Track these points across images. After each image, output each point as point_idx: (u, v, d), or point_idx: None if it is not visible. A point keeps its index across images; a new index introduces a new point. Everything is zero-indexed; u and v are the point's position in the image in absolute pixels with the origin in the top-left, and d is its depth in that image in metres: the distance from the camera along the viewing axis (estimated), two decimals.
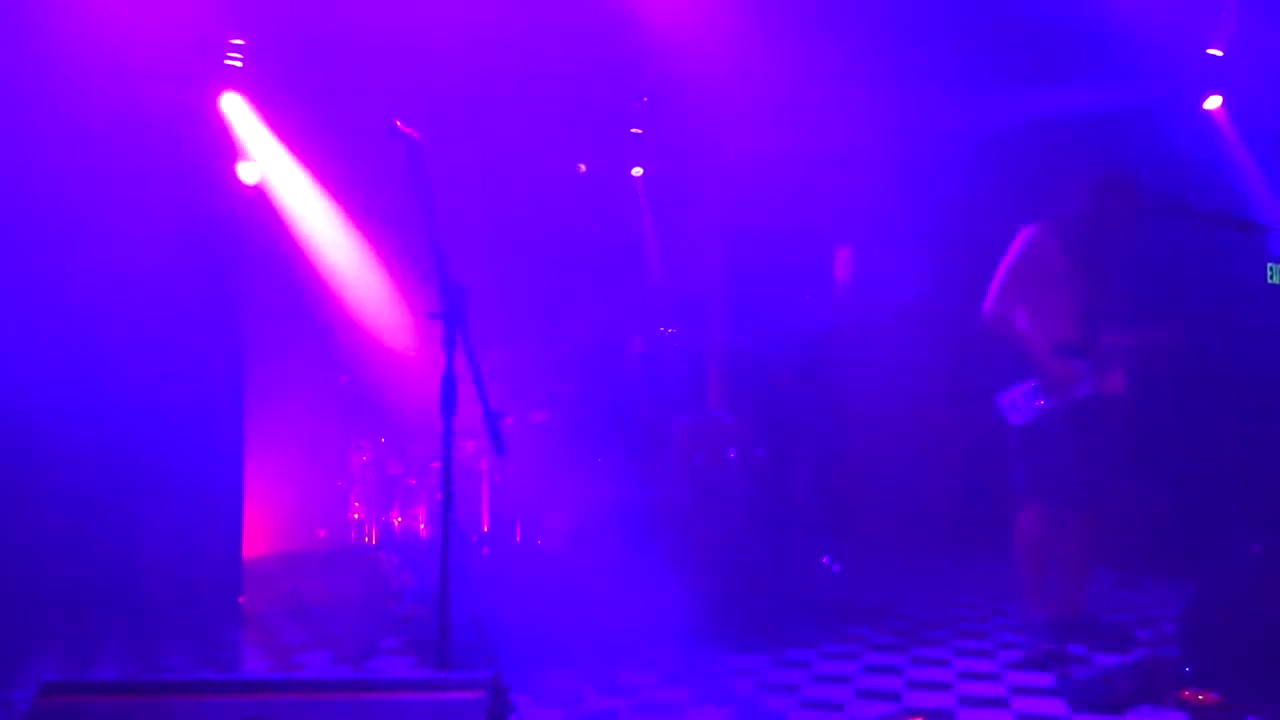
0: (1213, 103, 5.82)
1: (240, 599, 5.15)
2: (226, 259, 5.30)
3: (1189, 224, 5.42)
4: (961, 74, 5.94)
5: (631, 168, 7.26)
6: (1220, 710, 3.14)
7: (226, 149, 5.46)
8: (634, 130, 6.97)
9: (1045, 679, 3.70)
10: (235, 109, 5.53)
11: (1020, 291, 4.05)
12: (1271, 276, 5.57)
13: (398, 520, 5.61)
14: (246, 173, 5.61)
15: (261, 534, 6.09)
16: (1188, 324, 5.51)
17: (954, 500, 6.36)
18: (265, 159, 5.75)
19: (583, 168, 6.84)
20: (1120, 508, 4.12)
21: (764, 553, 4.88)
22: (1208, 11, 5.49)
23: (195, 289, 5.07)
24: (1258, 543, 3.28)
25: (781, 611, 4.53)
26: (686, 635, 4.20)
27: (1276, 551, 3.20)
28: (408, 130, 2.59)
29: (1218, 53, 5.65)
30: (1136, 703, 3.34)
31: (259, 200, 5.81)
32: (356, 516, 5.96)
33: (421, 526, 5.38)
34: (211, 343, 5.18)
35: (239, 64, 5.32)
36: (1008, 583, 4.85)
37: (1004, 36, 5.76)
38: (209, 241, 5.17)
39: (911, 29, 5.82)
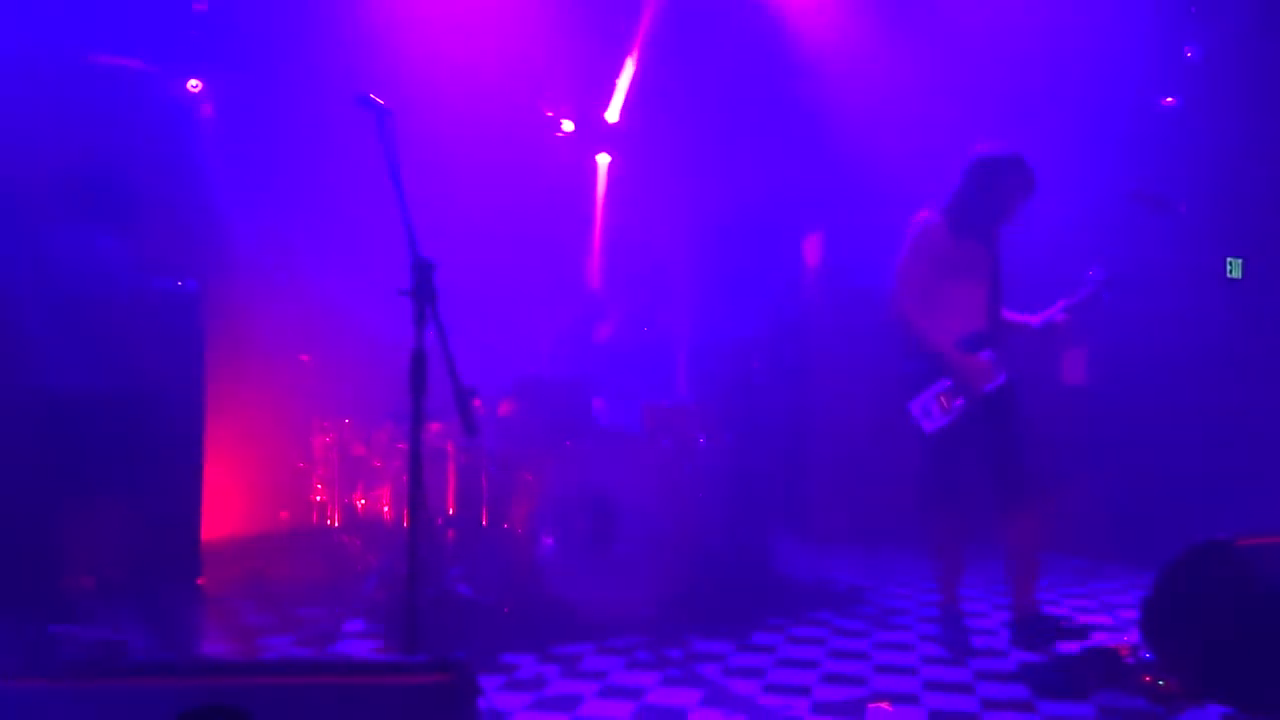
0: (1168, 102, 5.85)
1: (200, 581, 5.06)
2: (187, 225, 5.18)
3: (1150, 215, 5.49)
4: (932, 60, 5.96)
5: (600, 152, 7.20)
6: (1181, 696, 3.18)
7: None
8: (608, 118, 6.92)
9: (1010, 664, 3.74)
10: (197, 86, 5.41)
11: (921, 285, 3.92)
12: (1230, 271, 5.65)
13: (361, 502, 5.54)
14: None
15: (222, 516, 5.98)
16: (1149, 319, 5.65)
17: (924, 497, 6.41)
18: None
19: (570, 126, 6.73)
20: (1047, 495, 3.99)
21: (731, 538, 4.88)
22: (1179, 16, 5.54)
23: (150, 249, 4.94)
24: (1219, 531, 3.32)
25: (748, 597, 4.53)
26: (653, 620, 4.19)
27: (1237, 540, 3.24)
28: (378, 101, 2.53)
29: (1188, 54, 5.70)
30: (1099, 688, 3.38)
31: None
32: (319, 498, 5.88)
33: (386, 509, 5.32)
34: (170, 316, 5.05)
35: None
36: (972, 569, 4.91)
37: (974, 28, 5.79)
38: (168, 208, 5.04)
39: (884, 17, 5.83)
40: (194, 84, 5.39)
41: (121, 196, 4.62)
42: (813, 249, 7.03)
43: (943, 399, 3.89)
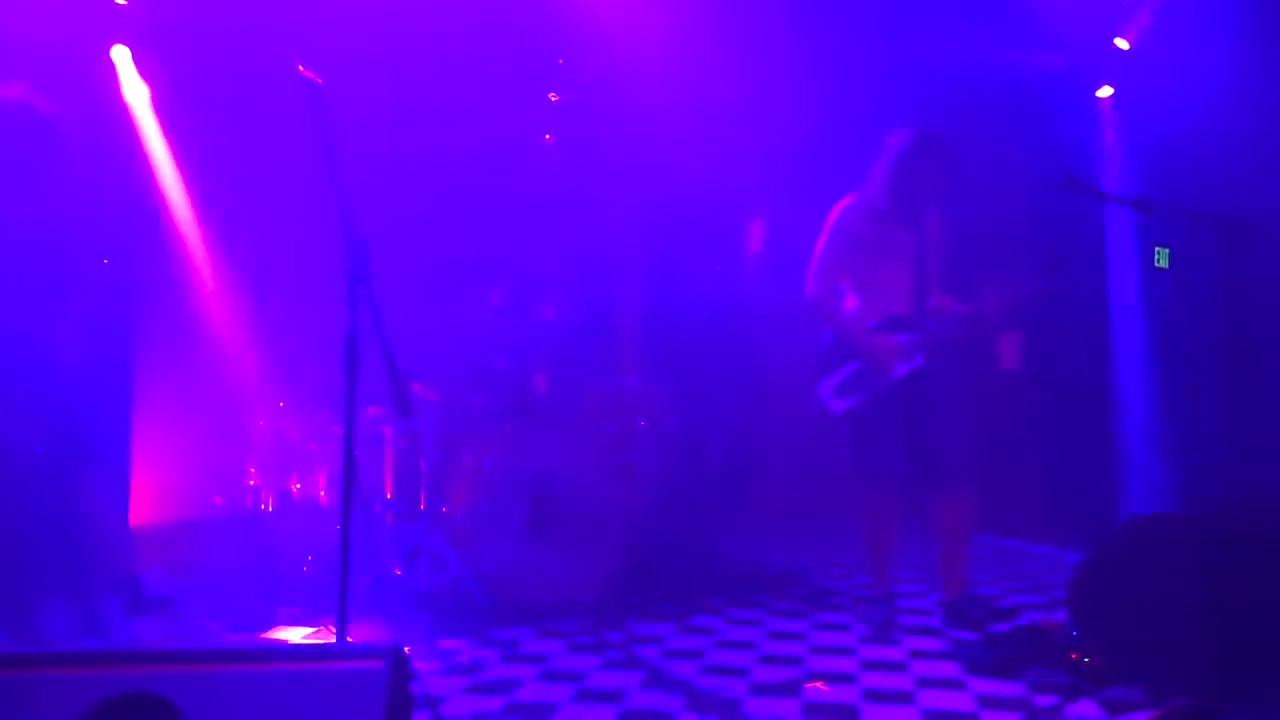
0: (1104, 92, 5.95)
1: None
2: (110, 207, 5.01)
3: (1083, 204, 5.61)
4: (876, 44, 6.00)
5: (544, 131, 7.13)
6: (1106, 672, 3.27)
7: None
8: (551, 96, 6.85)
9: (943, 643, 3.81)
10: (124, 61, 5.22)
11: (840, 268, 3.92)
12: (1158, 260, 5.79)
13: (296, 487, 5.44)
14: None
15: (152, 500, 5.84)
16: (1081, 305, 5.78)
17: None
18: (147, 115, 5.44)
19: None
20: (971, 479, 3.95)
21: (672, 522, 4.90)
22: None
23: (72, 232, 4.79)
24: (1144, 512, 3.41)
25: (688, 579, 4.55)
26: (593, 603, 4.19)
27: (1161, 520, 3.33)
28: (310, 75, 2.46)
29: (1124, 44, 5.81)
30: (1027, 665, 3.46)
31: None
32: (253, 483, 5.76)
33: (322, 493, 5.23)
34: (95, 295, 4.89)
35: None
36: (909, 552, 4.99)
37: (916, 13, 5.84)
38: (92, 193, 4.87)
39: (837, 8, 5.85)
40: (120, 49, 5.21)
41: (44, 172, 4.46)
42: (756, 234, 7.07)
43: (852, 380, 3.89)
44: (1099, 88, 5.92)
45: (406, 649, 2.11)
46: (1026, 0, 5.49)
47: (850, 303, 3.95)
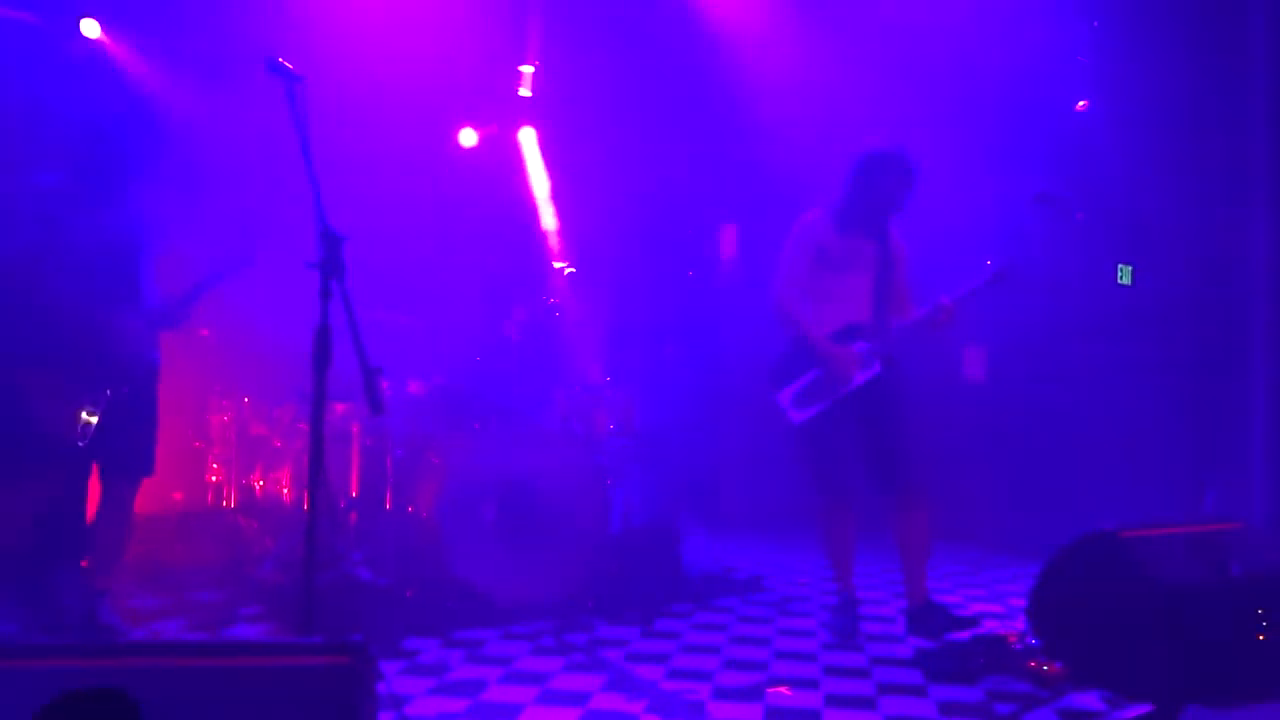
0: (1081, 105, 6.05)
1: (84, 564, 4.84)
2: None
3: (1053, 218, 5.70)
4: (849, 57, 6.06)
5: (518, 131, 7.12)
6: (1064, 680, 3.32)
7: None
8: (522, 93, 6.84)
9: (905, 650, 3.84)
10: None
11: (802, 278, 3.99)
12: (1121, 277, 5.90)
13: (260, 484, 5.38)
14: None
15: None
16: (1045, 318, 5.87)
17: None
18: None
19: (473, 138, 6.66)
20: (925, 487, 3.98)
21: (640, 525, 4.90)
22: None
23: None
24: (1104, 523, 3.46)
25: (654, 584, 4.55)
26: (558, 606, 4.18)
27: (1120, 532, 3.39)
28: (288, 67, 2.44)
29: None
30: (988, 673, 3.50)
31: None
32: (215, 479, 5.69)
33: (285, 491, 5.18)
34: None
35: None
36: (873, 555, 5.03)
37: (892, 25, 5.90)
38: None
39: (804, 12, 5.90)
40: (90, 23, 5.14)
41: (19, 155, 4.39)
42: (727, 240, 7.09)
43: (812, 388, 3.94)
44: (1078, 102, 6.04)
45: (370, 646, 2.09)
46: (1000, 14, 5.58)
47: (811, 312, 4.00)
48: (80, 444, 3.22)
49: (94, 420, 3.23)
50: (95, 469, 3.56)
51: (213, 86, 5.20)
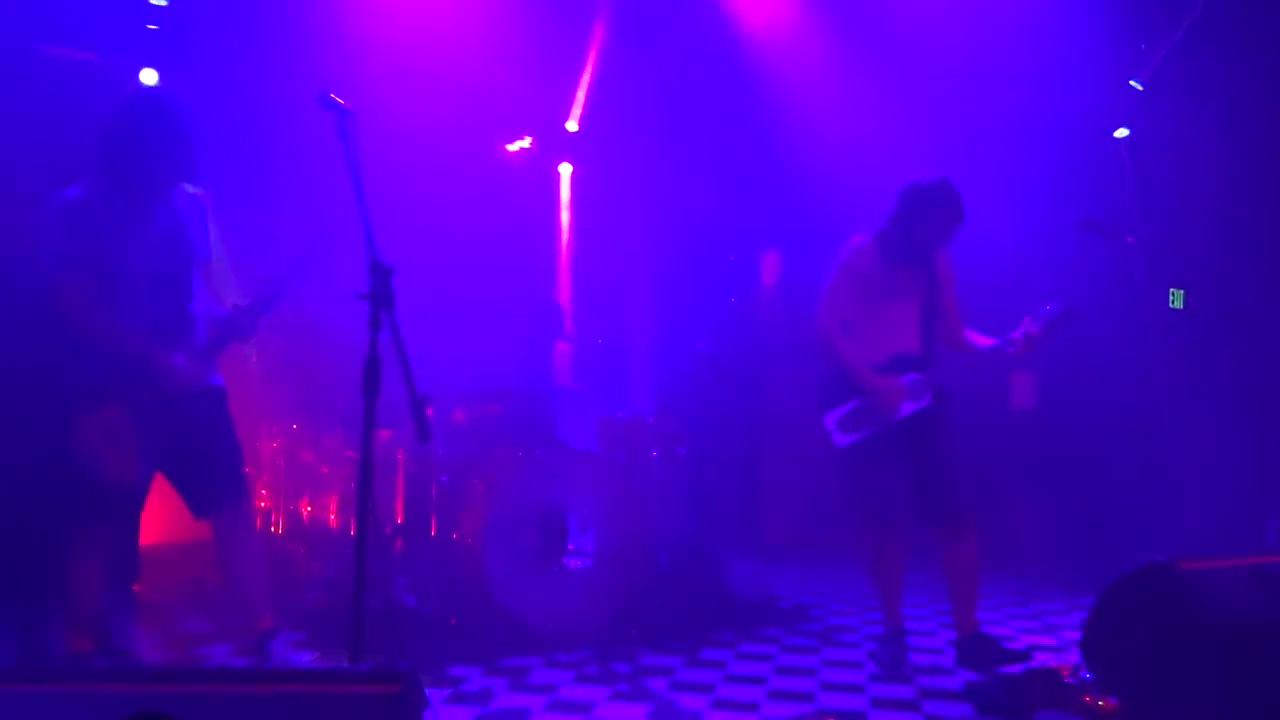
0: (1121, 133, 5.95)
1: (136, 588, 4.92)
2: None
3: (1095, 245, 5.63)
4: (892, 82, 6.05)
5: (560, 162, 7.20)
6: (1120, 716, 3.23)
7: None
8: (569, 127, 6.92)
9: (954, 682, 3.77)
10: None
11: (849, 308, 3.97)
12: (1173, 301, 5.79)
13: (307, 510, 5.44)
14: None
15: (160, 520, 5.83)
16: (1096, 344, 5.77)
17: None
18: None
19: (526, 142, 6.74)
20: (974, 519, 3.95)
21: (683, 552, 4.87)
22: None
23: None
24: (1157, 555, 3.38)
25: (698, 612, 4.52)
26: (603, 634, 4.16)
27: (1176, 564, 3.30)
28: (339, 101, 2.49)
29: (1138, 86, 5.83)
30: (1041, 708, 3.42)
31: None
32: (264, 505, 5.76)
33: (332, 517, 5.23)
34: None
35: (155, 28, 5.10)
36: (921, 586, 4.95)
37: (934, 50, 5.89)
38: None
39: (846, 37, 5.91)
40: (149, 72, 5.28)
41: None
42: (770, 265, 7.08)
43: (856, 415, 3.92)
44: (1117, 128, 5.96)
45: (418, 674, 2.10)
46: (1049, 38, 5.54)
47: (857, 342, 3.97)
48: (127, 478, 3.09)
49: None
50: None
51: (266, 111, 5.31)
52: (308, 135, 3.11)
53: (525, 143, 6.74)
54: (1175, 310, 5.77)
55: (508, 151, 6.75)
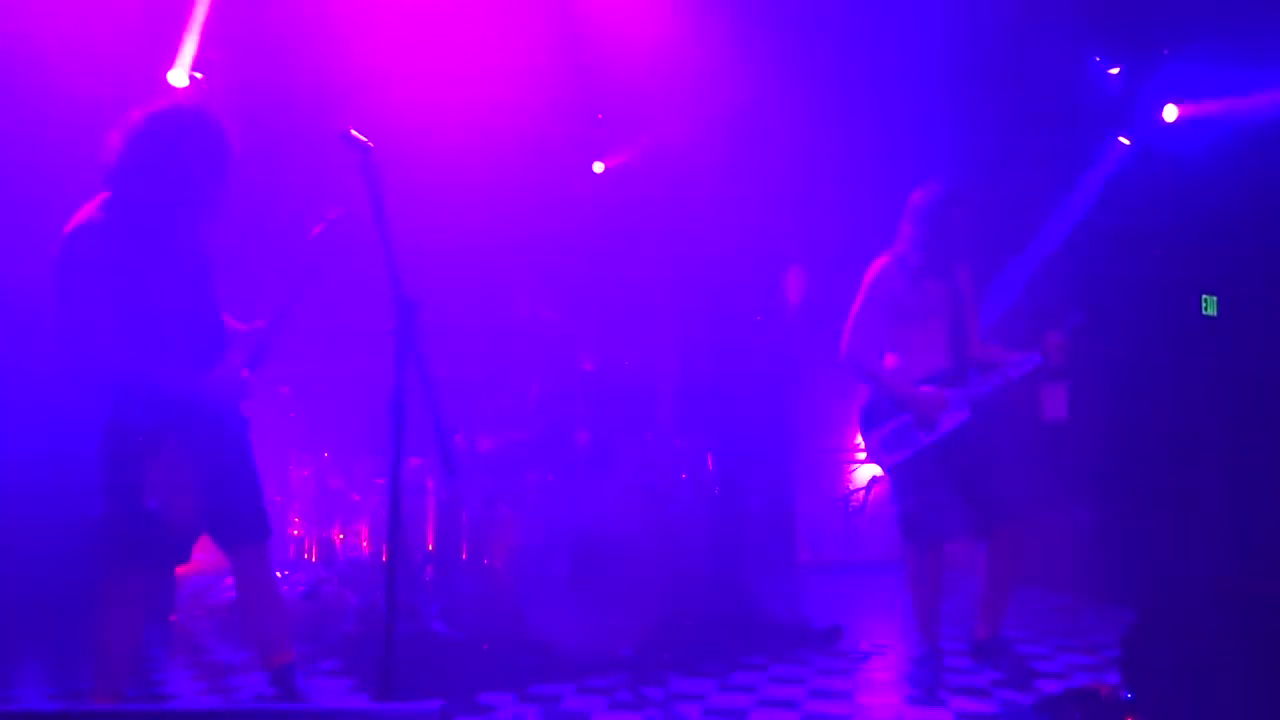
0: (1170, 113, 5.82)
1: (172, 617, 4.98)
2: None
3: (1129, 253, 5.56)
4: (919, 98, 6.03)
5: (583, 186, 7.22)
6: None
7: None
8: (597, 167, 6.96)
9: (991, 706, 3.72)
10: None
11: (877, 327, 3.96)
12: (1206, 308, 5.71)
13: (339, 537, 5.48)
14: None
15: (195, 549, 5.88)
16: (1124, 356, 5.70)
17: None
18: None
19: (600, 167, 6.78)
20: (1020, 528, 3.96)
21: (714, 575, 4.85)
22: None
23: None
24: (1199, 569, 3.33)
25: (729, 635, 4.49)
26: (634, 658, 4.15)
27: (1219, 579, 3.25)
28: (360, 137, 2.52)
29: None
30: None
31: None
32: (296, 532, 5.81)
33: (364, 544, 5.26)
34: None
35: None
36: (953, 605, 4.89)
37: (966, 69, 5.87)
38: None
39: (874, 56, 5.89)
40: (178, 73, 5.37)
41: None
42: (794, 284, 7.06)
43: (902, 433, 3.91)
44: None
45: (446, 704, 2.10)
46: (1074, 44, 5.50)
47: (890, 360, 3.97)
48: (160, 513, 3.01)
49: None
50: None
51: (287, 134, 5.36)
52: (332, 168, 3.06)
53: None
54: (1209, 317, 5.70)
55: (530, 171, 6.78)
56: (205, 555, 5.82)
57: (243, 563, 3.23)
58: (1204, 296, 5.70)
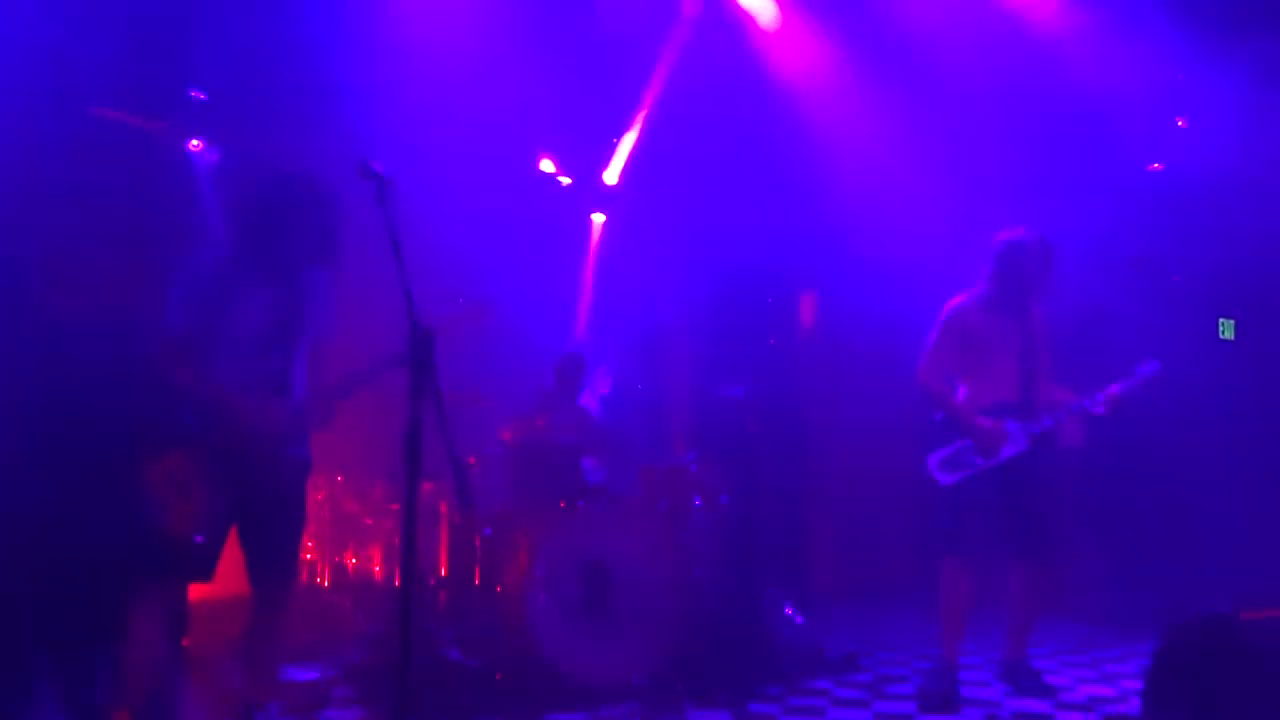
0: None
1: (185, 642, 4.96)
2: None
3: (1147, 282, 5.54)
4: (927, 124, 6.04)
5: (593, 210, 7.26)
6: None
7: None
8: (606, 179, 6.99)
9: None
10: None
11: (951, 361, 4.22)
12: (1223, 332, 5.67)
13: (352, 562, 5.47)
14: None
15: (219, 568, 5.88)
16: (1140, 383, 5.65)
17: (921, 548, 6.37)
18: None
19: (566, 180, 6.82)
20: (1058, 560, 4.28)
21: (728, 603, 4.81)
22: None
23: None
24: (1222, 602, 3.28)
25: (745, 664, 4.45)
26: (647, 688, 4.11)
27: (1241, 613, 3.20)
28: (377, 170, 2.53)
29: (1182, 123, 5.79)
30: None
31: None
32: (309, 557, 5.80)
33: (377, 569, 5.25)
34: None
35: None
36: (971, 633, 4.84)
37: (967, 92, 5.88)
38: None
39: (886, 81, 5.92)
40: (195, 143, 5.42)
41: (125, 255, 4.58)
42: (808, 308, 7.05)
43: (962, 457, 4.15)
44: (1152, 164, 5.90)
45: None
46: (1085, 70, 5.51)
47: (962, 391, 4.22)
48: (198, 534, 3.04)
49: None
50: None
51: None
52: (350, 197, 3.10)
53: (565, 180, 6.80)
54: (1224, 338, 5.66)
55: (542, 201, 6.81)
56: (220, 579, 5.83)
57: (260, 599, 3.28)
58: (1221, 320, 5.67)
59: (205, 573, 3.15)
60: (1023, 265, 4.19)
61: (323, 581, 5.62)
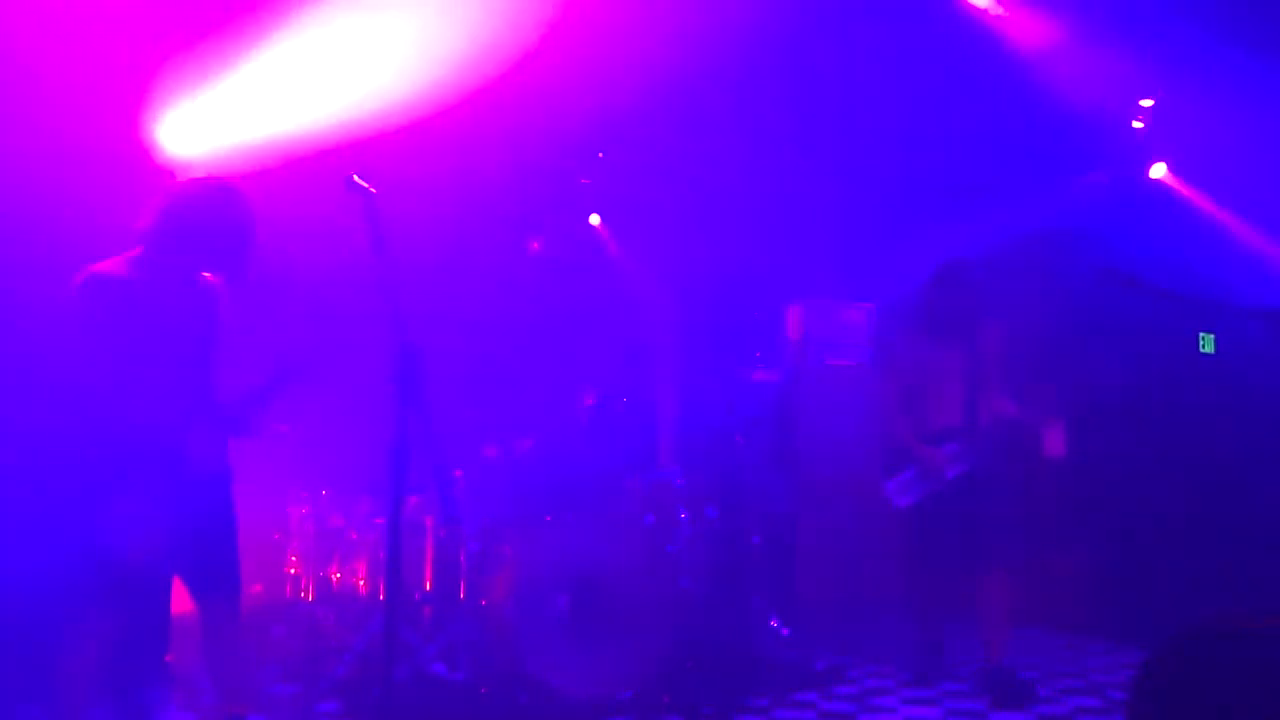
0: (1158, 171, 5.95)
1: (168, 658, 4.92)
2: None
3: (1122, 294, 5.57)
4: (913, 137, 6.08)
5: (584, 222, 7.25)
6: None
7: None
8: (584, 180, 6.98)
9: None
10: None
11: (899, 397, 4.46)
12: (1203, 345, 5.73)
13: (336, 576, 5.44)
14: None
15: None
16: (1122, 394, 5.70)
17: (906, 561, 6.39)
18: None
19: (535, 245, 6.86)
20: (1014, 579, 4.43)
21: (714, 616, 4.81)
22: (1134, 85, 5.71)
23: None
24: (1208, 611, 3.30)
25: (731, 677, 4.45)
26: (634, 701, 4.10)
27: (1229, 623, 3.22)
28: (363, 184, 2.53)
29: (1139, 125, 5.87)
30: None
31: None
32: (293, 571, 5.76)
33: (361, 583, 5.22)
34: None
35: None
36: (955, 647, 4.85)
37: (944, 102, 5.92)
38: None
39: (866, 94, 5.95)
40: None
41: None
42: (794, 321, 7.07)
43: (911, 481, 4.40)
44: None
45: None
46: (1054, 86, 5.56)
47: (912, 415, 4.44)
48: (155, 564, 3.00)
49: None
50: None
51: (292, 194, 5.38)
52: (337, 213, 3.09)
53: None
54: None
55: (527, 215, 6.80)
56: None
57: (210, 614, 3.24)
58: (1201, 334, 5.72)
59: (162, 600, 3.14)
60: (957, 290, 4.33)
61: (307, 596, 5.58)
